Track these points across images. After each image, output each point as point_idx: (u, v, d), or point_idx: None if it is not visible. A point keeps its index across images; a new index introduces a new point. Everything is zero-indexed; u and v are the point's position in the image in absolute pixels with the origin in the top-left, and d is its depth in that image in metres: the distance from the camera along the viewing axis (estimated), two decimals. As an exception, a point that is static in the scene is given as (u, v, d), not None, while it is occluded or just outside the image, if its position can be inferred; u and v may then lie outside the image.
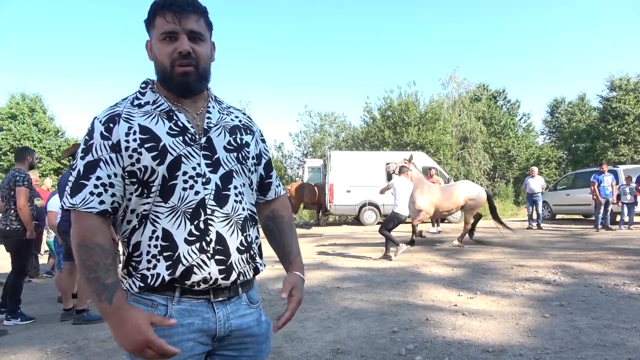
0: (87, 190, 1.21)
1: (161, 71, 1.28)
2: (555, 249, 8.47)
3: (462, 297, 5.13)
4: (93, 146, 1.22)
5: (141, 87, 1.34)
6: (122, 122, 1.23)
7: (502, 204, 22.45)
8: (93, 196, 1.20)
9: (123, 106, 1.27)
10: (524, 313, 4.37)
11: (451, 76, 28.58)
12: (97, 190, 1.21)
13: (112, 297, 1.15)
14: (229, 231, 1.27)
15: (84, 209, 1.20)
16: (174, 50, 1.24)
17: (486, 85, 32.83)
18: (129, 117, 1.24)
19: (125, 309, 1.15)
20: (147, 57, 1.34)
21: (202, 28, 1.28)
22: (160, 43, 1.26)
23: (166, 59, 1.25)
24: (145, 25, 1.31)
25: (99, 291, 1.16)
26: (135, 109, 1.27)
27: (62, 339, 4.17)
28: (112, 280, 1.17)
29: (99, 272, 1.16)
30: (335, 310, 4.68)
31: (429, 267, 7.06)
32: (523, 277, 6.05)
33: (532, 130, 34.36)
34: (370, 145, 26.13)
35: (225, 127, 1.35)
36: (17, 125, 26.57)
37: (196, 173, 1.24)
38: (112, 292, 1.16)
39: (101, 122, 1.23)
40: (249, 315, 1.36)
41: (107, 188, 1.22)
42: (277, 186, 1.55)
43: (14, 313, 4.77)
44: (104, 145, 1.22)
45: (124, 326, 1.13)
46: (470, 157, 26.77)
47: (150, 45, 1.31)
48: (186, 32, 1.24)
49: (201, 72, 1.29)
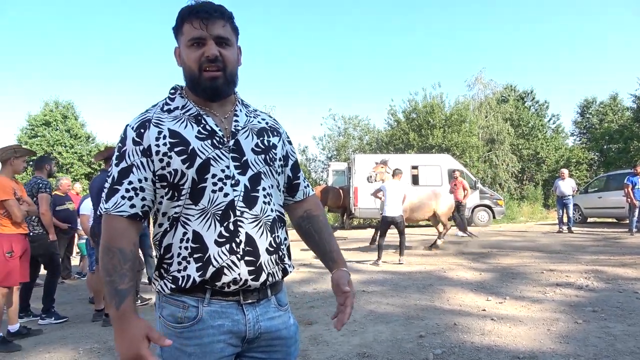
0: (119, 194, 1.25)
1: (189, 76, 1.31)
2: (588, 253, 8.23)
3: (490, 301, 5.03)
4: (126, 153, 1.26)
5: (170, 93, 1.37)
6: (153, 127, 1.27)
7: (531, 207, 21.98)
8: (124, 200, 1.24)
9: (153, 112, 1.31)
10: (556, 319, 4.26)
11: (477, 77, 28.16)
12: (129, 194, 1.25)
13: (120, 303, 1.18)
14: (258, 232, 1.28)
15: (115, 212, 1.24)
16: (201, 55, 1.27)
17: (513, 86, 32.20)
18: (159, 122, 1.28)
19: (128, 318, 1.17)
20: (176, 63, 1.37)
21: (228, 33, 1.30)
22: (189, 49, 1.28)
23: (194, 64, 1.28)
24: (173, 33, 1.34)
25: (110, 295, 1.20)
26: (165, 114, 1.30)
27: (94, 339, 4.28)
28: (125, 287, 1.20)
29: (114, 277, 1.20)
30: (361, 314, 4.66)
31: (455, 271, 6.96)
32: (554, 281, 5.89)
33: (562, 131, 33.51)
34: (394, 148, 25.94)
35: (252, 130, 1.37)
36: (50, 131, 27.45)
37: (225, 175, 1.26)
38: (122, 298, 1.18)
39: (133, 129, 1.28)
40: (278, 317, 1.37)
41: (138, 192, 1.25)
42: (306, 187, 1.56)
43: (48, 312, 4.95)
44: (136, 151, 1.26)
45: (122, 335, 1.16)
46: (497, 160, 26.29)
47: (178, 52, 1.35)
48: (213, 37, 1.27)
49: (228, 77, 1.31)
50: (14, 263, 4.25)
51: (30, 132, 27.42)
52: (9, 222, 4.27)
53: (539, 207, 23.22)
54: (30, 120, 27.59)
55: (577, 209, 15.21)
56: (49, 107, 28.09)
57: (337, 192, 17.00)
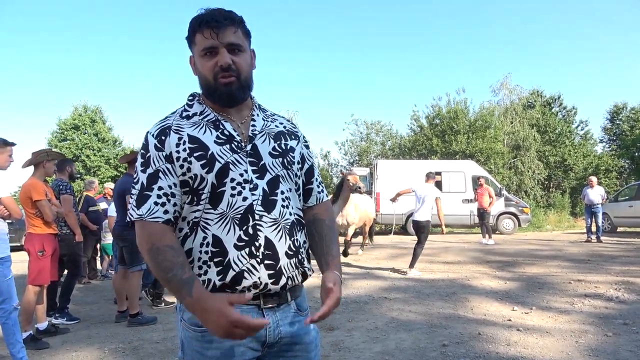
0: (151, 200, 1.26)
1: (205, 85, 1.32)
2: (617, 264, 7.98)
3: (516, 311, 4.92)
4: (151, 158, 1.28)
5: (188, 100, 1.39)
6: (173, 133, 1.28)
7: (558, 215, 21.47)
8: (157, 206, 1.25)
9: (172, 119, 1.33)
10: (584, 331, 4.14)
11: (502, 83, 27.71)
12: (161, 200, 1.26)
13: (191, 290, 1.17)
14: (277, 236, 1.28)
15: (150, 219, 1.24)
16: (215, 64, 1.28)
17: (540, 92, 31.56)
18: (179, 128, 1.29)
19: (205, 299, 1.16)
20: (192, 72, 1.38)
21: (240, 39, 1.31)
22: (202, 59, 1.30)
23: (209, 73, 1.29)
24: (187, 42, 1.36)
25: (179, 287, 1.19)
26: (184, 121, 1.32)
27: (119, 339, 4.35)
28: (189, 275, 1.20)
29: (175, 270, 1.19)
30: (383, 321, 4.62)
31: (479, 280, 6.84)
32: (582, 292, 5.73)
33: (590, 138, 32.69)
34: (417, 154, 25.72)
35: (269, 134, 1.38)
36: (79, 135, 28.22)
37: (243, 179, 1.27)
38: (191, 285, 1.18)
39: (154, 136, 1.29)
40: (298, 323, 1.36)
41: (169, 198, 1.27)
42: (320, 192, 1.53)
43: (62, 312, 5.07)
44: (160, 157, 1.27)
45: (208, 315, 1.15)
46: (523, 166, 25.76)
47: (193, 61, 1.36)
48: (225, 45, 1.28)
49: (243, 82, 1.32)
50: (45, 262, 4.38)
51: (60, 135, 28.25)
52: (41, 222, 4.40)
53: (566, 215, 22.68)
54: (60, 124, 28.44)
55: (607, 217, 14.79)
56: (78, 111, 28.89)
57: (358, 197, 16.94)
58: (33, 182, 4.41)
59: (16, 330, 3.46)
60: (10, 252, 3.61)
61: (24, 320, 4.14)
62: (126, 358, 3.82)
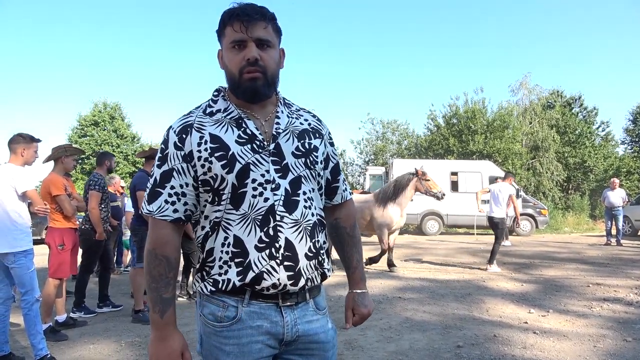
0: (162, 198, 1.28)
1: (231, 79, 1.31)
2: (638, 268, 7.81)
3: (532, 314, 4.86)
4: (168, 155, 1.29)
5: (213, 95, 1.39)
6: (194, 132, 1.28)
7: (576, 218, 21.12)
8: (167, 204, 1.28)
9: (195, 115, 1.32)
10: (603, 335, 4.06)
11: (522, 82, 27.34)
12: (172, 199, 1.28)
13: (164, 311, 1.26)
14: (298, 237, 1.28)
15: (160, 217, 1.28)
16: (242, 58, 1.27)
17: (560, 92, 31.06)
18: (201, 126, 1.29)
19: (171, 329, 1.27)
20: (219, 65, 1.38)
21: (270, 35, 1.30)
22: (230, 52, 1.29)
23: (235, 67, 1.28)
24: (217, 36, 1.35)
25: (154, 301, 1.27)
26: (207, 118, 1.31)
27: (135, 333, 4.42)
28: (169, 296, 1.28)
29: (159, 284, 1.27)
30: (397, 321, 4.60)
31: (495, 281, 6.77)
32: (601, 296, 5.63)
33: (612, 139, 32.05)
34: (434, 154, 25.52)
35: (293, 132, 1.36)
36: (98, 131, 28.71)
37: (265, 180, 1.26)
38: (166, 307, 1.27)
39: (175, 133, 1.29)
40: (316, 321, 1.36)
41: (180, 197, 1.28)
42: (344, 190, 1.54)
43: (78, 306, 5.14)
44: (177, 155, 1.28)
45: (161, 344, 1.25)
46: (541, 167, 25.40)
47: (221, 55, 1.36)
48: (254, 39, 1.27)
49: (269, 78, 1.30)
50: (65, 255, 4.47)
51: (80, 131, 28.79)
52: (61, 216, 4.49)
53: (585, 217, 22.29)
54: (80, 120, 28.98)
55: (627, 220, 14.49)
56: (97, 108, 29.41)
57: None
58: (52, 177, 4.50)
59: (37, 321, 3.54)
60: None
61: (43, 313, 4.22)
62: (142, 351, 3.88)
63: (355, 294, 1.52)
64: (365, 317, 1.51)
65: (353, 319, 1.49)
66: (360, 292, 1.52)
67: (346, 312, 1.52)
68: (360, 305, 1.50)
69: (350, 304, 1.51)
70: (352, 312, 1.50)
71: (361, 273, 1.54)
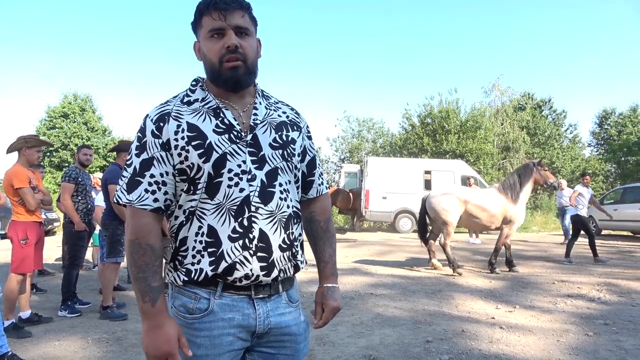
0: (142, 187, 1.25)
1: (210, 69, 1.30)
2: (600, 266, 8.10)
3: (500, 310, 4.98)
4: (146, 144, 1.26)
5: (191, 85, 1.37)
6: (172, 120, 1.26)
7: (544, 217, 21.70)
8: (148, 193, 1.25)
9: (173, 104, 1.30)
10: (566, 330, 4.20)
11: (494, 84, 27.94)
12: (152, 188, 1.25)
13: (156, 300, 1.22)
14: (272, 229, 1.27)
15: (139, 206, 1.24)
16: (222, 46, 1.26)
17: (531, 94, 31.85)
18: (178, 115, 1.27)
19: (164, 316, 1.22)
20: (196, 58, 1.36)
21: (247, 23, 1.29)
22: (209, 41, 1.28)
23: (215, 55, 1.27)
24: (192, 28, 1.34)
25: (143, 291, 1.22)
26: (184, 107, 1.30)
27: (103, 329, 4.32)
28: (158, 284, 1.23)
29: (147, 273, 1.22)
30: (369, 317, 4.64)
31: (465, 278, 6.90)
32: (565, 293, 5.81)
33: (579, 141, 33.09)
34: (408, 152, 25.83)
35: (271, 124, 1.35)
36: (68, 123, 27.87)
37: (241, 170, 1.26)
38: (157, 295, 1.22)
39: (152, 121, 1.27)
40: (289, 314, 1.37)
41: (160, 186, 1.26)
42: (320, 184, 1.53)
43: (64, 303, 4.95)
44: (156, 144, 1.25)
45: (157, 331, 1.19)
46: (512, 168, 25.98)
47: (198, 46, 1.34)
48: (232, 27, 1.26)
49: (249, 66, 1.30)
50: (29, 250, 4.33)
51: (49, 123, 27.89)
52: (24, 210, 4.34)
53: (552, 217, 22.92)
54: (49, 112, 28.06)
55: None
56: (67, 99, 28.53)
57: (347, 194, 17.02)
58: (16, 169, 4.35)
59: (-2, 317, 3.42)
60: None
61: (5, 309, 4.10)
62: (109, 348, 3.80)
63: (325, 288, 1.48)
64: (335, 312, 1.47)
65: (323, 314, 1.45)
66: (331, 287, 1.48)
67: (316, 307, 1.48)
68: (330, 298, 1.46)
69: (319, 299, 1.48)
70: (322, 307, 1.47)
71: (332, 268, 1.51)
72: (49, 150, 26.16)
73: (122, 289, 6.13)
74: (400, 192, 15.86)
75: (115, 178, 4.84)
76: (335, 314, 1.47)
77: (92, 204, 5.48)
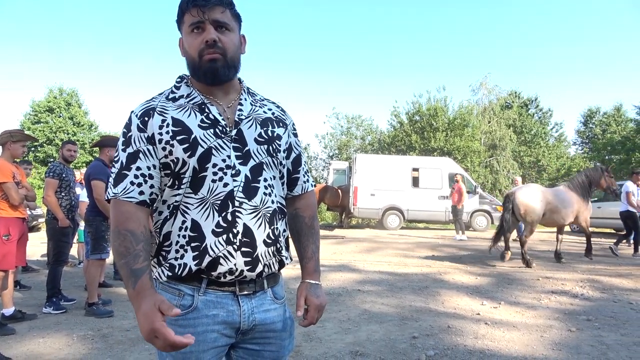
0: (128, 180, 1.25)
1: (191, 63, 1.31)
2: (584, 263, 8.23)
3: (485, 306, 5.04)
4: (132, 138, 1.27)
5: (176, 82, 1.38)
6: (157, 115, 1.27)
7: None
8: (133, 186, 1.25)
9: (158, 100, 1.31)
10: (549, 326, 4.26)
11: (482, 82, 28.13)
12: (138, 181, 1.25)
13: (135, 282, 1.17)
14: (257, 223, 1.28)
15: (124, 198, 1.24)
16: (201, 41, 1.27)
17: (518, 93, 32.19)
18: (163, 110, 1.28)
19: (143, 296, 1.15)
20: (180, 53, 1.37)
21: (227, 18, 1.30)
22: (189, 36, 1.29)
23: (194, 50, 1.28)
24: (177, 25, 1.35)
25: (126, 277, 1.19)
26: (169, 103, 1.30)
27: (88, 326, 4.28)
28: (140, 266, 1.19)
29: (128, 258, 1.20)
30: (356, 313, 4.66)
31: (452, 275, 6.96)
32: (549, 289, 5.90)
33: (564, 140, 33.55)
34: (396, 150, 25.94)
35: (256, 120, 1.36)
36: (53, 118, 27.46)
37: (226, 165, 1.26)
38: (137, 277, 1.17)
39: (137, 116, 1.28)
40: (274, 310, 1.37)
41: (147, 179, 1.26)
42: (305, 182, 1.53)
43: (49, 300, 4.88)
44: (141, 138, 1.26)
45: (138, 312, 1.14)
46: (498, 165, 26.25)
47: (181, 42, 1.35)
48: (211, 21, 1.27)
49: (229, 60, 1.30)
50: (11, 246, 4.26)
51: (34, 117, 27.44)
52: (7, 205, 4.27)
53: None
54: (34, 106, 27.60)
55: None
56: (53, 93, 28.10)
57: (335, 191, 17.05)
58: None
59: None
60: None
61: (-12, 306, 4.04)
62: (95, 345, 3.77)
63: (308, 284, 1.45)
64: (320, 309, 1.43)
65: (308, 314, 1.41)
66: (314, 283, 1.45)
67: (298, 300, 1.42)
68: (312, 295, 1.43)
69: (302, 293, 1.43)
70: (305, 302, 1.43)
71: (315, 264, 1.49)
72: (34, 145, 25.76)
73: (108, 285, 6.08)
74: (389, 189, 15.92)
75: (98, 174, 4.79)
76: (321, 312, 1.45)
77: (75, 200, 5.43)
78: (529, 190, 8.10)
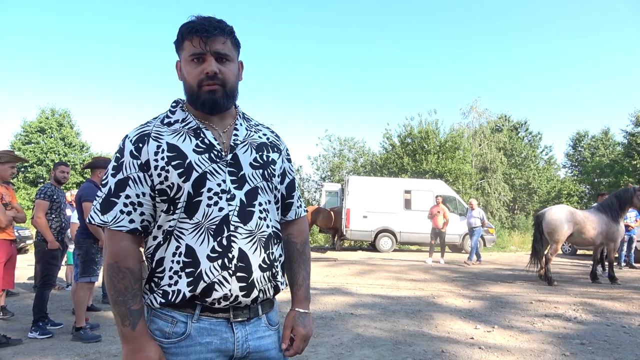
0: (117, 208, 1.24)
1: (189, 91, 1.30)
2: (577, 285, 8.23)
3: (479, 330, 5.00)
4: (124, 164, 1.25)
5: (172, 106, 1.37)
6: (152, 141, 1.26)
7: (522, 237, 22.04)
8: (123, 214, 1.23)
9: (153, 125, 1.30)
10: (543, 350, 4.23)
11: (472, 106, 28.60)
12: (127, 209, 1.24)
13: (136, 323, 1.20)
14: (252, 248, 1.26)
15: (115, 227, 1.23)
16: (201, 71, 1.26)
17: (508, 116, 32.70)
18: (158, 136, 1.27)
19: (146, 339, 1.21)
20: (177, 77, 1.37)
21: (228, 49, 1.30)
22: (189, 65, 1.28)
23: (194, 80, 1.27)
24: (175, 47, 1.34)
25: (123, 315, 1.20)
26: (164, 128, 1.30)
27: (75, 352, 4.18)
28: (138, 307, 1.22)
29: (127, 297, 1.20)
30: (349, 337, 4.60)
31: (445, 298, 6.92)
32: (542, 312, 5.88)
33: (554, 163, 33.97)
34: (388, 172, 26.07)
35: (252, 145, 1.36)
36: (45, 138, 27.35)
37: (221, 189, 1.25)
38: (137, 318, 1.20)
39: (131, 142, 1.26)
40: (268, 337, 1.35)
41: (136, 207, 1.24)
42: (299, 207, 1.53)
43: (35, 325, 4.74)
44: (133, 164, 1.24)
45: (138, 355, 1.17)
46: (489, 188, 26.48)
47: (179, 66, 1.34)
48: (213, 53, 1.27)
49: (228, 91, 1.30)
50: (-2, 269, 4.18)
51: (24, 138, 27.33)
52: (-5, 227, 4.21)
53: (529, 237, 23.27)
54: (25, 126, 27.50)
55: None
56: (45, 114, 28.05)
57: (327, 213, 17.00)
58: (-14, 184, 4.24)
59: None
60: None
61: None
62: (81, 371, 3.67)
63: (297, 312, 1.43)
64: (306, 339, 1.41)
65: (294, 343, 1.39)
66: (303, 312, 1.44)
67: (284, 330, 1.40)
68: (300, 325, 1.41)
69: (289, 322, 1.42)
70: (292, 332, 1.40)
71: (305, 292, 1.48)
72: (24, 166, 25.57)
73: (96, 309, 5.96)
74: (381, 211, 15.91)
75: (89, 195, 4.74)
76: (307, 342, 1.42)
77: (66, 222, 5.35)
78: (557, 210, 8.29)
